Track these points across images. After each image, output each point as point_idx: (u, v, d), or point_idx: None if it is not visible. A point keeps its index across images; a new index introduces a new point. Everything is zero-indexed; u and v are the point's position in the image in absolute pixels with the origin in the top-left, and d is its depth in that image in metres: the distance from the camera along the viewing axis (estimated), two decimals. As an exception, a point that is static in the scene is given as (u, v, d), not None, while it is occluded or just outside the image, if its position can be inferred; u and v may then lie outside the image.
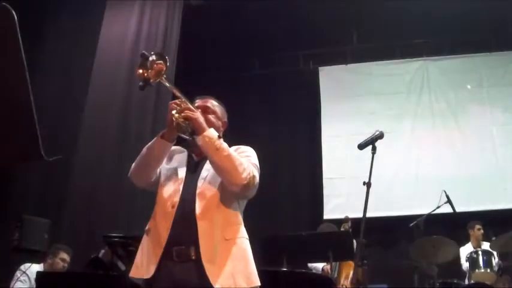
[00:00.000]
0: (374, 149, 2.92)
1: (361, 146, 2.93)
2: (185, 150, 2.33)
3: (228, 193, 2.11)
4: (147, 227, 2.18)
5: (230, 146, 2.19)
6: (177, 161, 2.26)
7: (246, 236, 2.15)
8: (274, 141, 8.22)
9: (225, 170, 2.06)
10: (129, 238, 3.51)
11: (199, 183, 2.13)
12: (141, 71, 2.04)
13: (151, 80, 2.03)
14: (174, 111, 2.11)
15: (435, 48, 7.87)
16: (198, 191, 2.10)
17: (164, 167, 2.24)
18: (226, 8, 7.00)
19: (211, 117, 2.26)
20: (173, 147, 2.30)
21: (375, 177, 2.88)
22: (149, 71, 2.03)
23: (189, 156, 2.27)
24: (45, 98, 5.31)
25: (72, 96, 5.89)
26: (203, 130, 2.07)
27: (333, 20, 7.36)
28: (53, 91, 5.79)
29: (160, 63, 2.03)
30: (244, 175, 2.05)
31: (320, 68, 8.31)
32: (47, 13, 6.06)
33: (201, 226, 2.02)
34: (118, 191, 5.29)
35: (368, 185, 2.86)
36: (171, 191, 2.14)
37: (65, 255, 4.69)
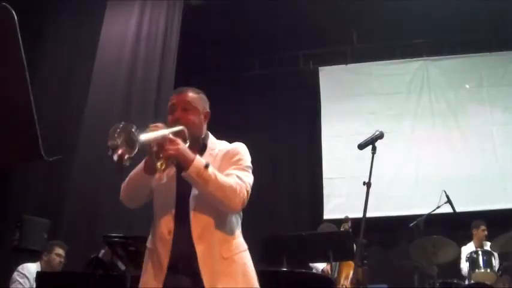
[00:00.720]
0: (374, 149, 2.92)
1: (361, 146, 2.93)
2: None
3: (222, 213, 2.08)
4: (148, 245, 2.16)
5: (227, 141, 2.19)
6: (166, 175, 2.14)
7: (245, 247, 2.13)
8: (274, 141, 8.23)
9: (218, 200, 2.01)
10: (129, 238, 3.50)
11: (192, 203, 2.06)
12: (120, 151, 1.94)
13: (124, 155, 1.93)
14: (153, 156, 1.99)
15: (435, 48, 7.87)
16: (191, 213, 2.05)
17: (155, 183, 2.16)
18: (226, 8, 7.00)
19: (192, 117, 2.14)
20: None
21: (375, 177, 2.88)
22: (120, 143, 1.93)
23: (178, 169, 2.09)
24: (45, 98, 5.31)
25: (72, 96, 5.90)
26: (188, 164, 1.95)
27: (333, 20, 7.36)
28: (53, 91, 5.79)
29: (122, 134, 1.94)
30: (237, 200, 2.01)
31: (320, 68, 8.31)
32: (47, 13, 6.06)
33: (200, 251, 2.01)
34: (118, 191, 5.29)
35: (368, 185, 2.86)
36: (165, 214, 2.09)
37: (60, 251, 4.70)
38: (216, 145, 2.21)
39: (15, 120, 1.31)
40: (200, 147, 2.18)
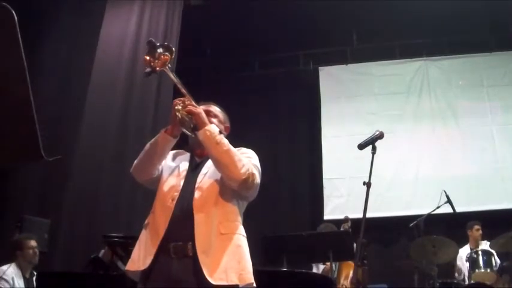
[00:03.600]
0: (374, 149, 2.92)
1: (361, 146, 2.93)
2: (188, 152, 2.38)
3: (227, 189, 2.14)
4: (146, 222, 2.21)
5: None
6: (180, 160, 2.32)
7: (244, 233, 2.16)
8: (274, 141, 8.23)
9: (223, 164, 2.09)
10: (129, 238, 3.51)
11: (199, 178, 2.17)
12: (148, 58, 2.08)
13: (157, 69, 2.09)
14: (177, 107, 2.16)
15: (435, 48, 7.87)
16: (197, 185, 2.14)
17: (167, 164, 2.29)
18: (226, 8, 7.00)
19: (213, 120, 2.30)
20: (177, 151, 2.36)
21: (375, 177, 2.88)
22: (156, 61, 2.08)
23: (192, 157, 2.32)
24: (45, 98, 5.31)
25: (72, 96, 5.89)
26: (204, 124, 2.12)
27: (333, 20, 7.36)
28: (53, 91, 5.79)
29: (166, 55, 2.09)
30: (242, 170, 2.08)
31: (320, 68, 8.31)
32: (47, 13, 6.05)
33: (198, 218, 2.05)
34: (118, 191, 5.30)
35: (368, 185, 2.85)
36: (171, 186, 2.18)
37: (31, 242, 4.52)
38: None
39: (15, 120, 1.31)
40: None
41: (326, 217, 7.35)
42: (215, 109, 2.39)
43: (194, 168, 2.25)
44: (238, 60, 8.31)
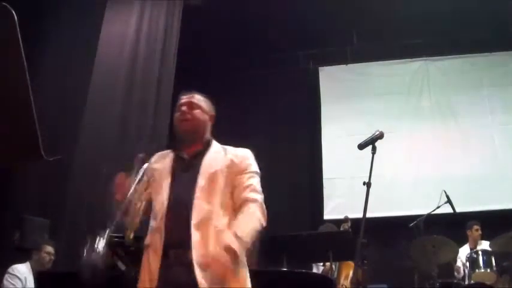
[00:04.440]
0: (374, 149, 2.92)
1: (361, 146, 2.93)
2: (169, 153, 2.33)
3: (226, 206, 2.14)
4: (146, 243, 2.18)
5: (228, 144, 2.21)
6: (160, 170, 2.24)
7: None
8: (274, 141, 8.22)
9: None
10: (129, 238, 3.50)
11: (197, 191, 2.12)
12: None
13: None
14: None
15: (435, 48, 7.87)
16: (194, 201, 2.10)
17: (153, 182, 2.24)
18: (226, 8, 7.00)
19: (196, 112, 2.29)
20: (161, 153, 2.34)
21: (375, 177, 2.88)
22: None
23: (178, 157, 2.27)
24: (45, 98, 5.31)
25: (72, 96, 5.89)
26: (237, 248, 1.97)
27: (333, 20, 7.36)
28: (53, 91, 5.78)
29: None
30: (265, 218, 2.16)
31: (320, 68, 8.31)
32: (47, 13, 6.05)
33: (195, 237, 2.04)
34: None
35: (368, 185, 2.85)
36: (162, 203, 2.15)
37: (49, 248, 4.70)
38: (221, 148, 2.31)
39: (15, 120, 1.31)
40: (205, 144, 2.29)
41: (326, 217, 7.35)
42: (198, 99, 2.34)
43: (185, 170, 2.21)
44: (238, 60, 8.31)
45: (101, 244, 1.87)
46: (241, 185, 2.17)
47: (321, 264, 5.28)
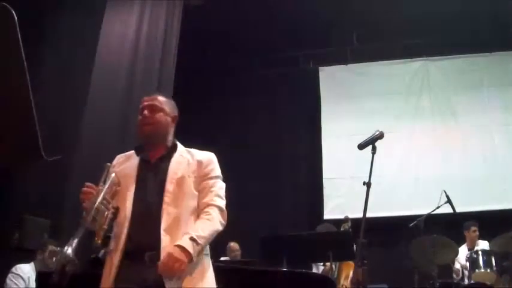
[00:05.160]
0: (374, 149, 2.92)
1: (361, 146, 2.93)
2: (132, 154, 2.35)
3: (193, 210, 2.17)
4: (109, 248, 2.20)
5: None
6: (125, 174, 2.26)
7: (207, 251, 2.20)
8: (274, 141, 8.22)
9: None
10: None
11: (166, 196, 2.14)
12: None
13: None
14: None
15: (435, 48, 7.87)
16: (163, 205, 2.12)
17: (119, 188, 2.23)
18: (226, 8, 7.00)
19: (158, 115, 2.29)
20: (126, 155, 2.37)
21: (375, 177, 2.88)
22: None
23: (142, 160, 2.28)
24: (46, 98, 5.30)
25: (73, 96, 5.89)
26: (187, 256, 2.03)
27: (333, 20, 7.36)
28: (53, 91, 5.78)
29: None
30: (221, 227, 2.18)
31: (320, 68, 8.31)
32: (47, 13, 6.05)
33: (165, 241, 2.06)
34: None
35: (368, 185, 2.86)
36: (126, 207, 2.17)
37: (53, 249, 4.69)
38: (186, 151, 2.32)
39: (15, 120, 1.31)
40: (169, 146, 2.30)
41: (326, 217, 7.35)
42: (160, 101, 2.34)
43: (152, 173, 2.22)
44: (238, 60, 8.31)
45: (69, 248, 1.87)
46: (205, 190, 2.20)
47: (321, 264, 5.28)
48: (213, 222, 2.14)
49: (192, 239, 2.04)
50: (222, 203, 2.21)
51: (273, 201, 7.60)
